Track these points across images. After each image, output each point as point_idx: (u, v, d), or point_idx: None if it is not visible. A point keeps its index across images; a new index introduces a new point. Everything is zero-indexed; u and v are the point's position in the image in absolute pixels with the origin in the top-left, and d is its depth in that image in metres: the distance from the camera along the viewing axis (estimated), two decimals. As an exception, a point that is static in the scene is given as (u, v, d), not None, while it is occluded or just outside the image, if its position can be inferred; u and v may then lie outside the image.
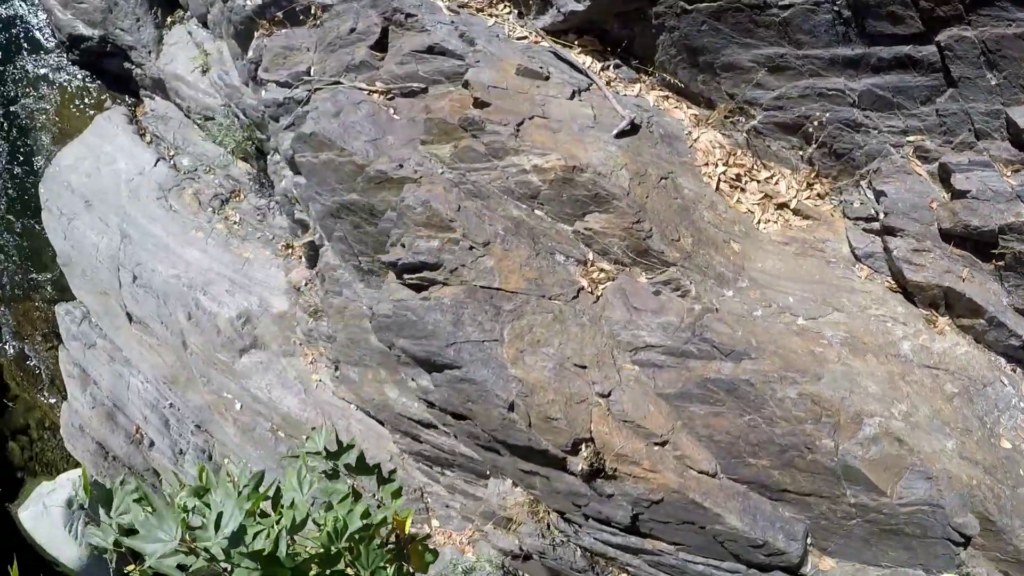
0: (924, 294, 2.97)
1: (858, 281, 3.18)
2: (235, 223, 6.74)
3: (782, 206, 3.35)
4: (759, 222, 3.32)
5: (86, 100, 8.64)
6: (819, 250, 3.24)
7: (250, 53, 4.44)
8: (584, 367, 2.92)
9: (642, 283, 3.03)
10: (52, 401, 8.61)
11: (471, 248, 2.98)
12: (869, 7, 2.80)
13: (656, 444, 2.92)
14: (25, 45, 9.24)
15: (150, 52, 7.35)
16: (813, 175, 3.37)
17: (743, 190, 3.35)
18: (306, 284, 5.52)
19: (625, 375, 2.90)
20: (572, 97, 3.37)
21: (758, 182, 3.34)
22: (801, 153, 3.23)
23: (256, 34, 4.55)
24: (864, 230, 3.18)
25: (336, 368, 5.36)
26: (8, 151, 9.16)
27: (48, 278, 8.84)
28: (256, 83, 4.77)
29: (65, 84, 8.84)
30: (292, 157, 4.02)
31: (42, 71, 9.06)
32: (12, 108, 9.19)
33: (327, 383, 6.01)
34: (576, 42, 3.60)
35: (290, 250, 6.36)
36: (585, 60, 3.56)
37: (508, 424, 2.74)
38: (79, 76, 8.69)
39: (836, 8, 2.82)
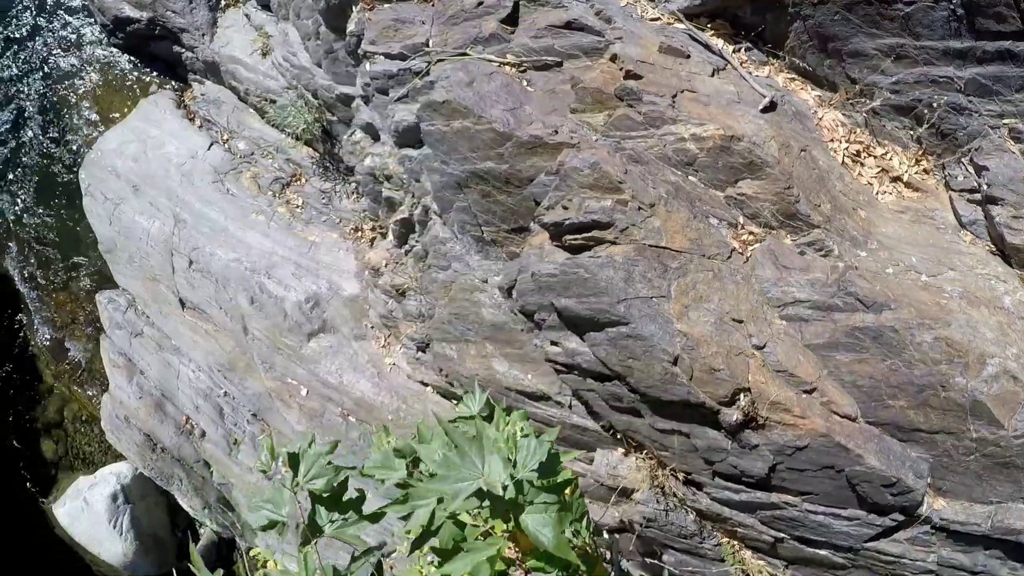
0: (1020, 256, 3.47)
1: (964, 245, 3.64)
2: (297, 207, 6.69)
3: (896, 179, 3.78)
4: (877, 193, 3.73)
5: (128, 85, 8.39)
6: (929, 218, 3.68)
7: (351, 27, 4.47)
8: (741, 321, 3.18)
9: (788, 244, 3.35)
10: (90, 393, 8.23)
11: (639, 209, 3.20)
12: (979, 6, 3.26)
13: (805, 392, 3.21)
14: (63, 29, 8.93)
15: (203, 35, 7.24)
16: (921, 153, 3.81)
17: (862, 164, 3.76)
18: (387, 264, 5.55)
19: (775, 329, 3.19)
20: (712, 75, 3.69)
21: (875, 158, 3.75)
22: (912, 133, 3.66)
23: (355, 9, 4.60)
24: (968, 200, 3.64)
25: (419, 349, 5.41)
26: (46, 137, 8.82)
27: (87, 266, 8.48)
28: (357, 57, 4.81)
29: (105, 69, 8.59)
30: (401, 129, 4.08)
31: (81, 55, 8.80)
32: (50, 94, 8.86)
33: (402, 366, 6.02)
34: (708, 25, 3.94)
35: (359, 233, 6.36)
36: (717, 43, 3.89)
37: (668, 379, 2.92)
38: (121, 60, 8.44)
39: (952, 6, 3.29)
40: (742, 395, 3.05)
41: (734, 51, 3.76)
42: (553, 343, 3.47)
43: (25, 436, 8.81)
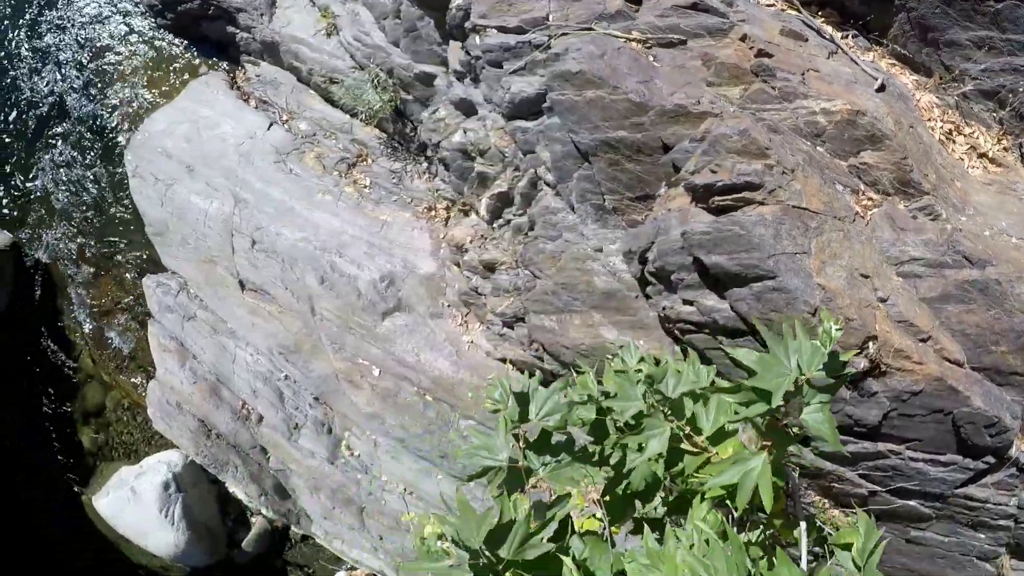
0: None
1: (1042, 214, 4.20)
2: (365, 187, 6.70)
3: (982, 156, 4.22)
4: (968, 167, 4.17)
5: (175, 66, 8.24)
6: (1012, 190, 4.14)
7: (457, 0, 4.61)
8: (867, 276, 3.49)
9: (902, 209, 3.72)
10: (135, 381, 7.93)
11: (783, 173, 3.50)
12: (1058, 5, 3.83)
13: (921, 341, 3.55)
14: (108, 9, 8.74)
15: (262, 15, 7.19)
16: (1002, 132, 4.31)
17: (954, 142, 4.19)
18: (472, 241, 5.66)
19: (894, 284, 3.54)
20: (828, 58, 4.06)
21: (964, 136, 4.19)
22: (995, 115, 4.14)
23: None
24: (1044, 175, 4.21)
25: (505, 325, 5.52)
26: (89, 120, 8.61)
27: (131, 250, 8.22)
28: (452, 33, 4.92)
29: (151, 50, 8.45)
30: (517, 101, 4.23)
31: (126, 36, 8.62)
32: (94, 75, 8.65)
33: (481, 344, 6.11)
34: (819, 13, 4.34)
35: (433, 212, 6.43)
36: (827, 29, 4.28)
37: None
38: (168, 41, 8.26)
39: (1035, 5, 3.86)
40: (870, 343, 3.38)
41: (841, 37, 4.17)
42: (686, 302, 3.70)
43: (63, 426, 8.47)
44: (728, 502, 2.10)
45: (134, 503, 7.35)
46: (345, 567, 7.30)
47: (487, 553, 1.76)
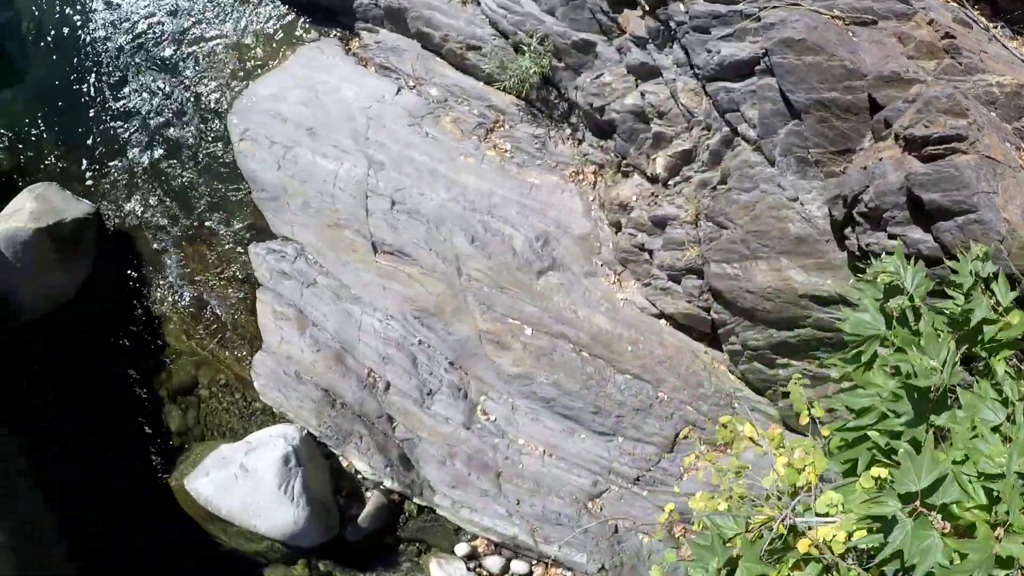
0: None
1: None
2: (506, 151, 7.41)
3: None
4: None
5: (280, 32, 8.58)
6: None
7: None
8: None
9: (1052, 162, 5.04)
10: (237, 354, 8.12)
11: (979, 129, 4.64)
12: None
13: None
14: None
15: (388, -18, 7.83)
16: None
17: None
18: (637, 199, 6.54)
19: None
20: (988, 42, 5.29)
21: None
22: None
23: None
24: None
25: (670, 279, 6.43)
26: (188, 84, 8.74)
27: (228, 217, 8.45)
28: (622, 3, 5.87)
29: (255, 15, 8.68)
30: (725, 64, 5.20)
31: (223, 3, 8.82)
32: (195, 40, 8.81)
33: (635, 300, 6.93)
34: (975, 6, 5.59)
35: (580, 176, 7.26)
36: (981, 20, 5.55)
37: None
38: (273, 7, 8.67)
39: None
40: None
41: (992, 27, 5.46)
42: (892, 237, 4.80)
43: (147, 405, 8.58)
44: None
45: (244, 481, 7.55)
46: (465, 538, 7.87)
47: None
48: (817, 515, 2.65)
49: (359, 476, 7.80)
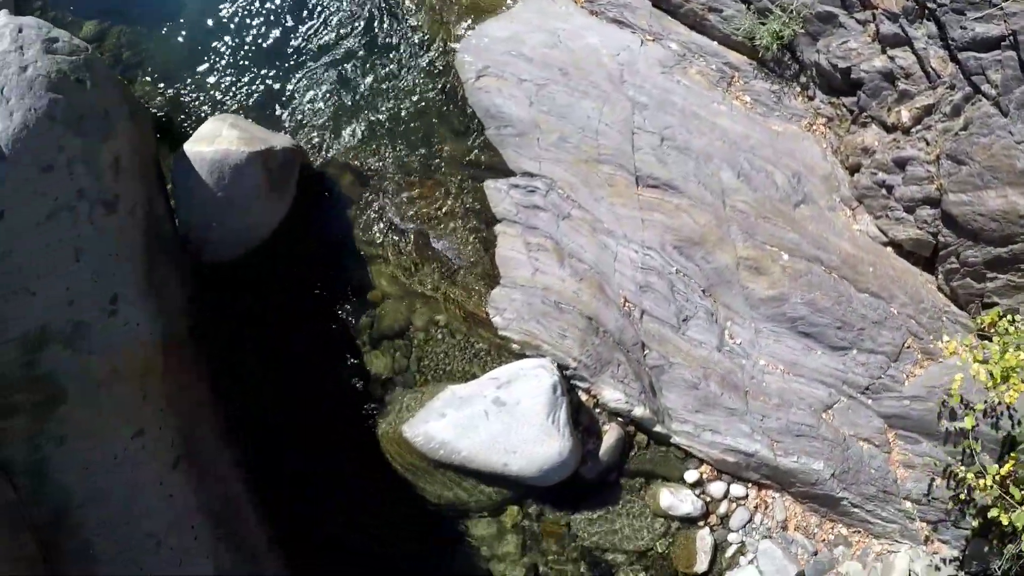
0: None
1: None
2: (747, 103, 8.94)
3: None
4: None
5: None
6: None
7: None
8: None
9: None
10: (465, 292, 8.38)
11: None
12: None
13: None
14: None
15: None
16: None
17: None
18: (879, 143, 8.34)
19: None
20: None
21: None
22: None
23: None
24: None
25: (906, 210, 8.29)
26: (400, 16, 9.01)
27: (452, 153, 8.80)
28: None
29: None
30: (978, 39, 7.28)
31: None
32: None
33: (869, 231, 8.70)
34: None
35: (813, 127, 8.97)
36: None
37: None
38: None
39: None
40: None
41: None
42: None
43: (352, 353, 8.60)
44: None
45: (497, 417, 7.96)
46: (693, 465, 8.97)
47: None
48: None
49: (596, 410, 8.66)
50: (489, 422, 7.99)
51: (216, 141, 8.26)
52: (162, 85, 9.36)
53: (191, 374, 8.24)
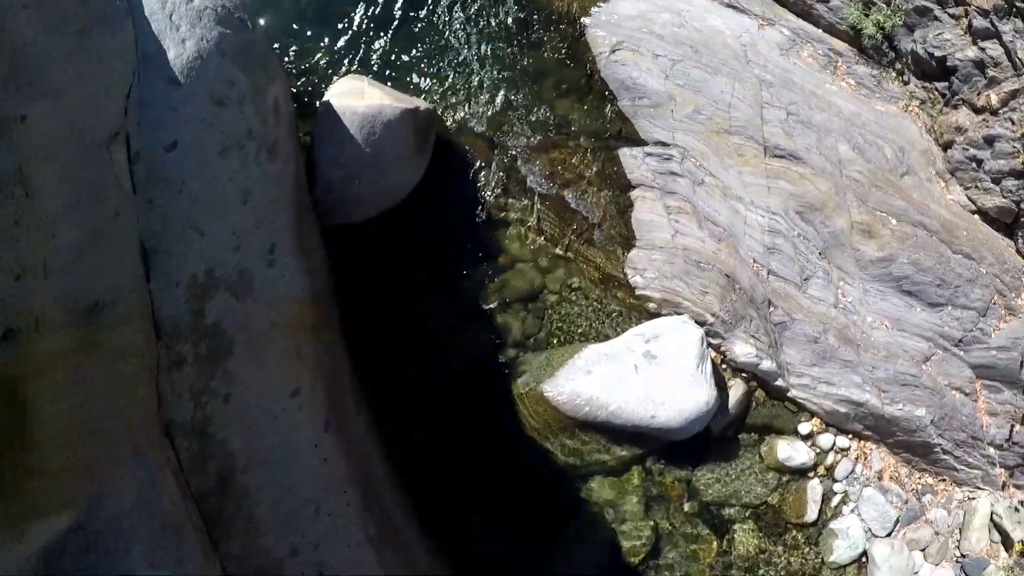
0: None
1: None
2: (851, 85, 10.24)
3: None
4: None
5: None
6: None
7: None
8: None
9: None
10: (603, 255, 9.13)
11: None
12: None
13: None
14: None
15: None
16: None
17: None
18: (970, 123, 9.80)
19: None
20: None
21: None
22: None
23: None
24: None
25: (993, 181, 9.78)
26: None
27: (583, 122, 9.56)
28: None
29: None
30: None
31: None
32: None
33: (960, 200, 10.14)
34: None
35: (908, 108, 10.37)
36: None
37: None
38: None
39: None
40: None
41: None
42: None
43: (484, 316, 9.19)
44: None
45: (647, 370, 8.75)
46: (805, 418, 10.11)
47: None
48: None
49: (722, 366, 9.69)
50: (638, 375, 8.83)
51: (366, 96, 8.54)
52: (288, 40, 9.73)
53: (332, 334, 8.40)
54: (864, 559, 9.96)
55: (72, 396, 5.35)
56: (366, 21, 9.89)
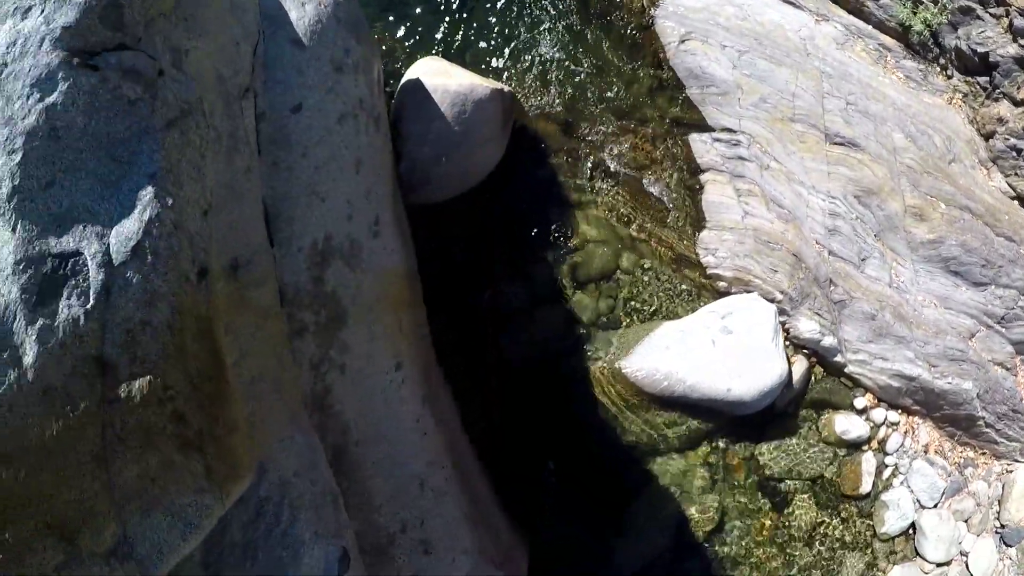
0: None
1: None
2: (901, 78, 10.87)
3: None
4: None
5: None
6: None
7: None
8: None
9: None
10: (676, 235, 9.54)
11: None
12: None
13: None
14: None
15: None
16: None
17: None
18: (1012, 114, 10.50)
19: None
20: None
21: None
22: None
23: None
24: None
25: (1015, 174, 10.49)
26: None
27: (650, 108, 9.98)
28: None
29: None
30: None
31: None
32: None
33: (1001, 187, 10.81)
34: None
35: (952, 100, 11.04)
36: None
37: None
38: None
39: None
40: None
41: None
42: None
43: (557, 295, 9.50)
44: None
45: (724, 345, 9.23)
46: (860, 393, 10.61)
47: None
48: None
49: (785, 343, 10.16)
50: (716, 349, 9.27)
51: (454, 75, 8.81)
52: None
53: (423, 310, 8.59)
54: (911, 530, 10.47)
55: (230, 352, 5.15)
56: (440, 3, 10.20)
